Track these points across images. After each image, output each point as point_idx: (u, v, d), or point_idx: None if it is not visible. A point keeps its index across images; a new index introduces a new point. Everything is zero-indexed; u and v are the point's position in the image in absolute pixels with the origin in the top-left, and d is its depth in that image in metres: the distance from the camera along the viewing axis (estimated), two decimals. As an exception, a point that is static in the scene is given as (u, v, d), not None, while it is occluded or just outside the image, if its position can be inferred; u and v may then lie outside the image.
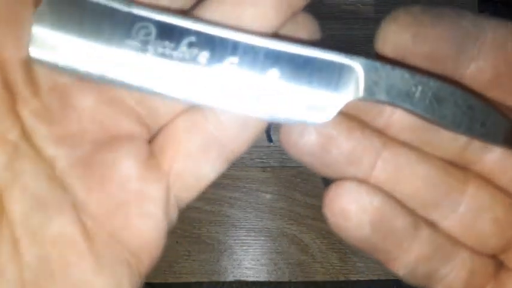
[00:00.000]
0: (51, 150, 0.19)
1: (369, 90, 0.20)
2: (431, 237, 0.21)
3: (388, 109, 0.21)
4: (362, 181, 0.21)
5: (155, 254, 0.20)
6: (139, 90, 0.20)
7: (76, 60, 0.19)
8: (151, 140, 0.21)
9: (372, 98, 0.20)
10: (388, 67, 0.19)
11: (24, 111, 0.19)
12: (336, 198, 0.21)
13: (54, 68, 0.19)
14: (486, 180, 0.22)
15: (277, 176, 0.55)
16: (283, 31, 0.21)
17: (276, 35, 0.21)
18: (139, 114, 0.20)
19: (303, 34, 0.21)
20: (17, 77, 0.19)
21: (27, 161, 0.19)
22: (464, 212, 0.21)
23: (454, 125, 0.20)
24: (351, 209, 0.20)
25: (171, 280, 0.53)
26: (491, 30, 0.19)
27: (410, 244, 0.21)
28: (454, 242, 0.22)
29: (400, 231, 0.21)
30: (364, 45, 0.53)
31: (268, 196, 0.54)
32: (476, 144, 0.21)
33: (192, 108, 0.21)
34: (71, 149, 0.19)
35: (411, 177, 0.21)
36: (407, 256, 0.21)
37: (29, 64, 0.19)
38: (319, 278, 0.53)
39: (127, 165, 0.20)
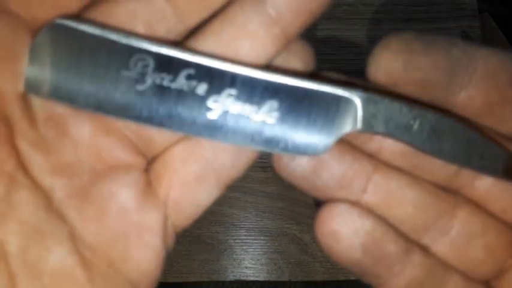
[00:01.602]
0: (48, 180, 0.19)
1: (367, 122, 0.20)
2: (423, 262, 0.21)
3: None
4: (354, 203, 0.21)
5: (153, 281, 0.21)
6: (136, 121, 0.19)
7: (72, 92, 0.19)
8: (147, 168, 0.21)
9: (369, 131, 0.20)
10: (386, 100, 0.19)
11: (20, 142, 0.19)
12: (327, 220, 0.21)
13: (51, 99, 0.19)
14: (478, 206, 0.22)
15: (278, 175, 0.54)
16: (277, 60, 0.21)
17: (269, 65, 0.21)
18: (136, 144, 0.20)
19: (298, 63, 0.21)
20: (14, 109, 0.19)
21: (24, 191, 0.19)
22: (456, 237, 0.21)
23: (453, 158, 0.20)
24: (342, 231, 0.20)
25: (170, 279, 0.53)
26: (483, 59, 0.19)
27: (402, 268, 0.21)
28: (446, 266, 0.22)
29: (392, 255, 0.21)
30: (365, 46, 0.52)
31: (268, 196, 0.54)
32: (468, 170, 0.21)
33: (188, 136, 0.21)
34: (67, 180, 0.19)
35: (402, 201, 0.21)
36: (398, 280, 0.21)
37: (25, 96, 0.19)
38: (319, 277, 0.53)
39: (125, 196, 0.20)
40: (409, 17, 0.54)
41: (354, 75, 0.21)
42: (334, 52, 0.53)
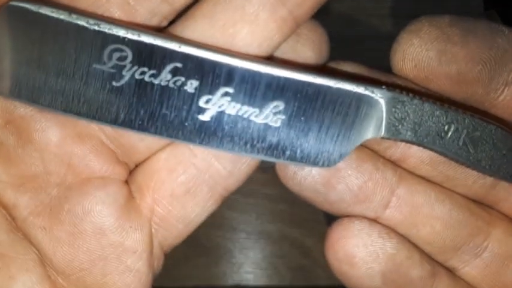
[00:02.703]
0: (9, 196, 0.17)
1: (392, 128, 0.17)
2: (451, 287, 0.19)
3: None
4: (373, 221, 0.18)
5: None
6: (113, 125, 0.17)
7: (36, 90, 0.16)
8: (128, 180, 0.19)
9: (394, 138, 0.17)
10: (416, 101, 0.17)
11: None
12: (341, 241, 0.18)
13: (10, 98, 0.17)
14: None
15: (278, 177, 0.53)
16: (283, 48, 0.18)
17: (273, 57, 0.18)
18: (113, 151, 0.18)
19: (308, 52, 0.18)
20: None
21: None
22: (490, 259, 0.19)
23: (491, 170, 0.17)
24: (359, 255, 0.18)
25: (168, 284, 0.52)
26: None
27: None
28: None
29: (416, 282, 0.18)
30: (367, 42, 0.52)
31: (269, 198, 0.53)
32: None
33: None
34: (33, 195, 0.17)
35: (430, 218, 0.18)
36: None
37: None
38: (321, 282, 0.52)
39: (101, 214, 0.17)
40: (413, 13, 0.54)
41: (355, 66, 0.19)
42: (335, 49, 0.52)
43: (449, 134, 0.17)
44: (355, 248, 0.18)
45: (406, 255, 0.18)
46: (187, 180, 0.18)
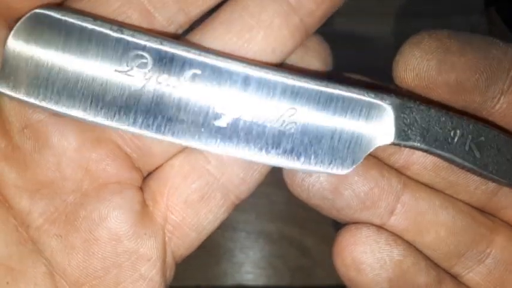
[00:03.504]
0: (24, 203, 0.17)
1: (402, 134, 0.17)
2: None
3: None
4: (380, 228, 0.19)
5: None
6: (130, 129, 0.17)
7: (54, 94, 0.16)
8: (142, 186, 0.19)
9: (404, 144, 0.17)
10: (423, 107, 0.17)
11: None
12: (348, 247, 0.18)
13: (28, 103, 0.17)
14: None
15: (278, 177, 0.53)
16: (292, 58, 0.19)
17: (284, 64, 0.19)
18: (130, 156, 0.18)
19: (315, 62, 0.19)
20: None
21: None
22: (493, 265, 0.19)
23: (498, 175, 0.18)
24: (366, 262, 0.18)
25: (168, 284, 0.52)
26: None
27: None
28: None
29: None
30: (368, 42, 0.52)
31: (269, 198, 0.53)
32: (508, 188, 0.19)
33: (189, 148, 0.19)
34: (49, 201, 0.17)
35: (434, 224, 0.19)
36: None
37: None
38: (320, 282, 0.52)
39: (118, 220, 0.17)
40: (414, 11, 0.53)
41: (357, 73, 0.20)
42: (337, 48, 0.52)
43: (456, 139, 0.17)
44: (363, 255, 0.18)
45: (412, 262, 0.19)
46: (201, 186, 0.18)
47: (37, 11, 0.16)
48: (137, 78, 0.17)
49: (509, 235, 0.19)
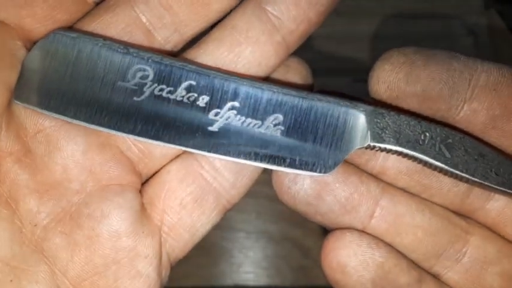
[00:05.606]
0: (32, 203, 0.18)
1: (377, 136, 0.19)
2: None
3: (382, 153, 0.20)
4: (362, 232, 0.20)
5: None
6: (129, 135, 0.19)
7: (62, 103, 0.18)
8: (141, 191, 0.20)
9: (380, 145, 0.19)
10: (393, 113, 0.19)
11: (4, 157, 0.17)
12: (334, 251, 0.20)
13: (42, 111, 0.18)
14: (491, 231, 0.21)
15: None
16: (276, 75, 0.21)
17: (269, 78, 0.21)
18: (131, 160, 0.19)
19: (296, 78, 0.21)
20: None
21: (2, 224, 0.17)
22: (469, 264, 0.20)
23: (468, 173, 0.19)
24: (350, 264, 0.19)
25: (167, 284, 0.52)
26: (485, 73, 0.19)
27: None
28: None
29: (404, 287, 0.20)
30: (369, 41, 0.52)
31: (269, 198, 0.52)
32: (479, 190, 0.20)
33: (185, 153, 0.20)
34: (56, 202, 0.18)
35: (412, 227, 0.20)
36: None
37: (12, 105, 0.18)
38: (321, 282, 0.51)
39: (118, 219, 0.19)
40: (413, 13, 0.54)
41: (357, 73, 0.21)
42: (336, 48, 0.52)
43: (426, 140, 0.19)
44: (347, 258, 0.20)
45: (394, 263, 0.20)
46: (196, 190, 0.20)
47: (57, 32, 0.18)
48: (138, 89, 0.19)
49: (483, 235, 0.21)
